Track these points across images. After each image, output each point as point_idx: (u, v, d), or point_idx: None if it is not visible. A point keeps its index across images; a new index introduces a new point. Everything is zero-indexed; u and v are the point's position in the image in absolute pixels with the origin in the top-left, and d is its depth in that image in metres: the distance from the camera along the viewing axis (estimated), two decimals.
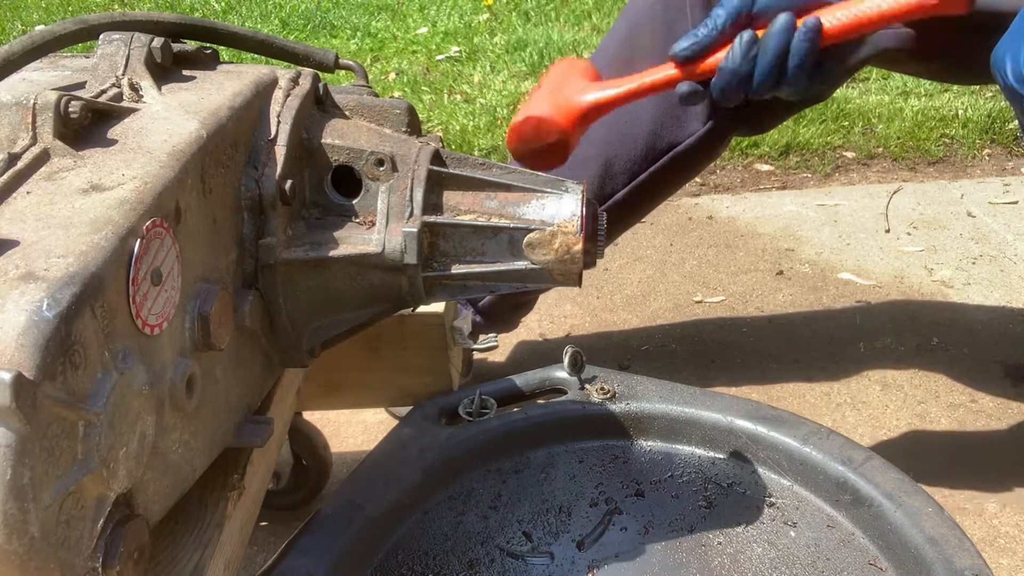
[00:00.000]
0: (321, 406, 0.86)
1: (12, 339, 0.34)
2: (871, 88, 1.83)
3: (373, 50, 2.23)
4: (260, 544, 0.86)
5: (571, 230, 0.56)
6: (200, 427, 0.49)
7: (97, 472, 0.38)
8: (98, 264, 0.38)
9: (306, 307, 0.57)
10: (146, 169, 0.44)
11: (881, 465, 0.67)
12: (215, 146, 0.49)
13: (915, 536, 0.61)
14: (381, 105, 0.59)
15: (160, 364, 0.43)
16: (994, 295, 1.23)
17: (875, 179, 1.59)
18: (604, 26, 2.22)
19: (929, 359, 1.10)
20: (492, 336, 0.84)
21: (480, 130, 1.73)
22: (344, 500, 0.65)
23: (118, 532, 0.40)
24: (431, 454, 0.70)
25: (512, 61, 2.04)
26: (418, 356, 0.77)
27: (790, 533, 0.66)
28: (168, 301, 0.44)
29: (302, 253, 0.55)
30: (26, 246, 0.38)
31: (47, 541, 0.36)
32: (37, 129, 0.44)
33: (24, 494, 0.34)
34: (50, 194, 0.42)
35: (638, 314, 1.22)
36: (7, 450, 0.33)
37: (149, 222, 0.42)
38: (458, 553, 0.65)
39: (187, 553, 0.50)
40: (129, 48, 0.53)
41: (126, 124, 0.48)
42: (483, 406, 0.74)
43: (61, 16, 2.66)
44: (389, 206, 0.56)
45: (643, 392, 0.74)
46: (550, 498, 0.70)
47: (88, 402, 0.37)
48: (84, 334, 0.37)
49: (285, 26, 2.42)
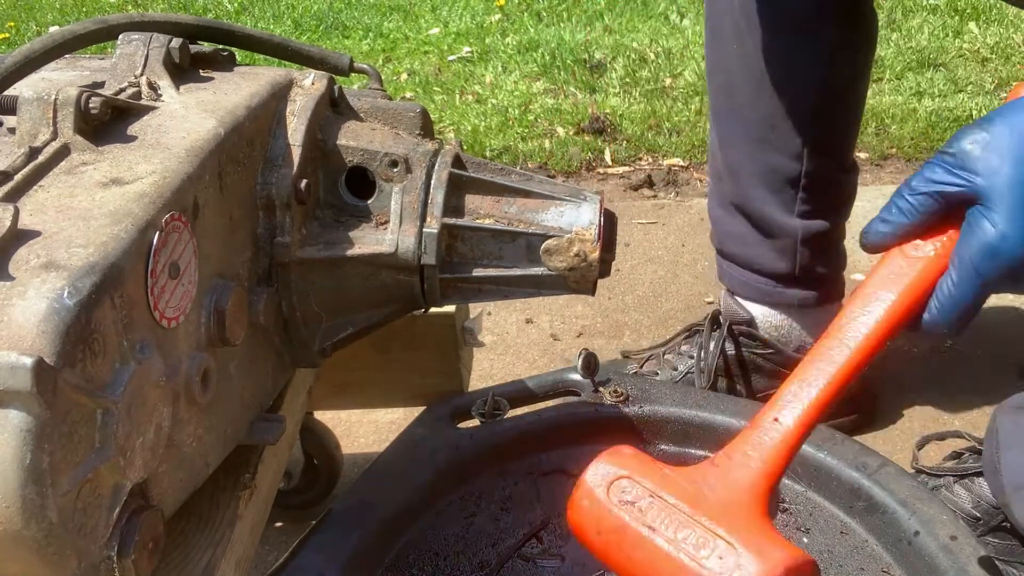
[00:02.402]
0: (332, 406, 0.86)
1: (33, 325, 0.34)
2: (884, 89, 1.82)
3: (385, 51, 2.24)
4: (272, 543, 0.86)
5: (589, 238, 0.56)
6: (214, 422, 0.49)
7: (114, 460, 0.38)
8: (118, 255, 0.38)
9: (319, 306, 0.57)
10: (165, 164, 0.44)
11: (896, 471, 0.66)
12: (232, 144, 0.50)
13: (929, 544, 0.60)
14: (395, 108, 0.60)
15: (176, 357, 0.44)
16: (1008, 297, 1.22)
17: (888, 180, 1.58)
18: (616, 27, 2.23)
19: (943, 361, 1.09)
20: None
21: (492, 131, 1.73)
22: (356, 500, 0.65)
23: (133, 522, 0.40)
24: (443, 455, 0.70)
25: (524, 62, 2.04)
26: (429, 356, 0.77)
27: (803, 539, 0.65)
28: (185, 295, 0.44)
29: (316, 252, 0.55)
30: (47, 236, 0.38)
31: (64, 527, 0.36)
32: (58, 124, 0.45)
33: (43, 479, 0.34)
34: (71, 187, 0.42)
35: (650, 315, 1.22)
36: (27, 434, 0.34)
37: (168, 216, 0.42)
38: (469, 554, 0.65)
39: (199, 552, 0.50)
40: (148, 48, 0.54)
41: (145, 121, 0.49)
42: (496, 407, 0.74)
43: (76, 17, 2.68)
44: (403, 207, 0.56)
45: (656, 395, 0.74)
46: (561, 500, 0.69)
47: (106, 390, 0.38)
48: (103, 323, 0.37)
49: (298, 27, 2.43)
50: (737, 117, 0.89)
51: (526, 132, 1.73)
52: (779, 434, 0.44)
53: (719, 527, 0.41)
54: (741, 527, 0.42)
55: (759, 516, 0.43)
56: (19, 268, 0.37)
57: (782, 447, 0.44)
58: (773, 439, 0.44)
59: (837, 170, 0.91)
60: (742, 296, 0.96)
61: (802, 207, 0.90)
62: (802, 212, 0.90)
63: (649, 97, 1.83)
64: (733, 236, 0.94)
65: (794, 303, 0.93)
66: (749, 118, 0.88)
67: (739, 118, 0.89)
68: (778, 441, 0.44)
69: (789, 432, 0.44)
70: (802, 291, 0.93)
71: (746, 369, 0.95)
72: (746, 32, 0.85)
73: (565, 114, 1.78)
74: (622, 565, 0.42)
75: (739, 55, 0.86)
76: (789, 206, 0.90)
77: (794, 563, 0.41)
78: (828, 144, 0.89)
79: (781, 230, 0.90)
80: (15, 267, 0.37)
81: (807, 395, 0.45)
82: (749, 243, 0.93)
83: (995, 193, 0.43)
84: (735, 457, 0.44)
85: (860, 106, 0.92)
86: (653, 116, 1.74)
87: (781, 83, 0.85)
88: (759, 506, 0.43)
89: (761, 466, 0.44)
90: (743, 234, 0.93)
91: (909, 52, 1.93)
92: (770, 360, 0.94)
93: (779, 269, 0.92)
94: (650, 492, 0.43)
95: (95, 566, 0.39)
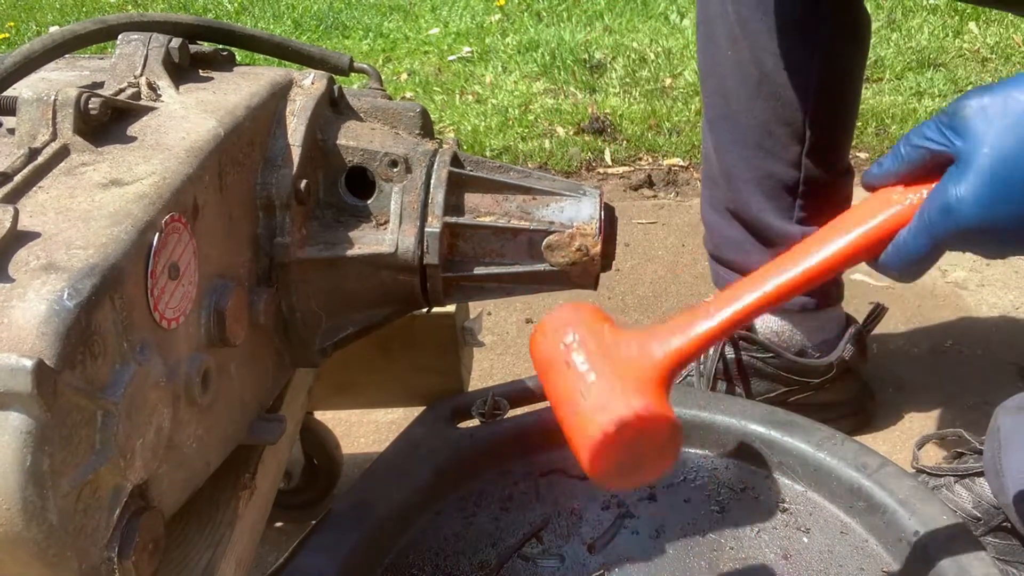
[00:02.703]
0: (332, 406, 0.86)
1: (33, 327, 0.34)
2: (884, 89, 1.82)
3: (385, 51, 2.23)
4: (271, 543, 0.86)
5: (590, 232, 0.56)
6: (214, 422, 0.49)
7: (114, 462, 0.38)
8: (118, 256, 0.38)
9: (319, 306, 0.57)
10: (164, 165, 0.44)
11: (896, 471, 0.66)
12: (232, 144, 0.50)
13: (929, 544, 0.60)
14: (395, 108, 0.60)
15: (176, 358, 0.44)
16: (1008, 297, 1.22)
17: None
18: (616, 27, 2.23)
19: (943, 361, 1.09)
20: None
21: (492, 130, 1.73)
22: (356, 499, 0.65)
23: (134, 523, 0.40)
24: (443, 455, 0.70)
25: (524, 62, 2.04)
26: (429, 356, 0.77)
27: (803, 539, 0.65)
28: (185, 296, 0.44)
29: (316, 252, 0.55)
30: (47, 238, 0.38)
31: (65, 529, 0.36)
32: (57, 125, 0.45)
33: (43, 481, 0.34)
34: (70, 188, 0.42)
35: (650, 315, 1.22)
36: (27, 436, 0.34)
37: (167, 216, 0.42)
38: (469, 554, 0.65)
39: (198, 552, 0.50)
40: (147, 48, 0.53)
41: (144, 121, 0.49)
42: (496, 407, 0.74)
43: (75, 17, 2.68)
44: (402, 207, 0.56)
45: None
46: (561, 500, 0.69)
47: (106, 392, 0.38)
48: (103, 324, 0.37)
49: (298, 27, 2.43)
50: (732, 123, 0.89)
51: (526, 132, 1.73)
52: (704, 324, 0.49)
53: (613, 375, 0.47)
54: (629, 381, 0.47)
55: (652, 381, 0.48)
56: (19, 270, 0.37)
57: (701, 335, 0.49)
58: (697, 326, 0.49)
59: (834, 174, 0.91)
60: None
61: (799, 213, 0.90)
62: (800, 218, 0.90)
63: (649, 97, 1.83)
64: (730, 242, 0.94)
65: (794, 308, 0.93)
66: (744, 124, 0.88)
67: (734, 124, 0.89)
68: (701, 330, 0.49)
69: (713, 326, 0.49)
70: (802, 296, 0.93)
71: (746, 373, 0.94)
72: (740, 38, 0.85)
73: (565, 114, 1.78)
74: (547, 390, 0.50)
75: (733, 61, 0.86)
76: (786, 212, 0.90)
77: (648, 413, 0.45)
78: (824, 148, 0.89)
79: (779, 236, 0.90)
80: (15, 269, 0.37)
81: (746, 298, 0.49)
82: (747, 249, 0.93)
83: (968, 158, 0.45)
84: (661, 331, 0.50)
85: (855, 108, 0.92)
86: (653, 116, 1.74)
87: (776, 88, 0.85)
88: (657, 373, 0.48)
89: (675, 344, 0.48)
90: (740, 240, 0.93)
91: (909, 52, 1.93)
92: (770, 364, 0.94)
93: None
94: (582, 339, 0.48)
95: (95, 567, 0.39)
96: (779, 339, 0.94)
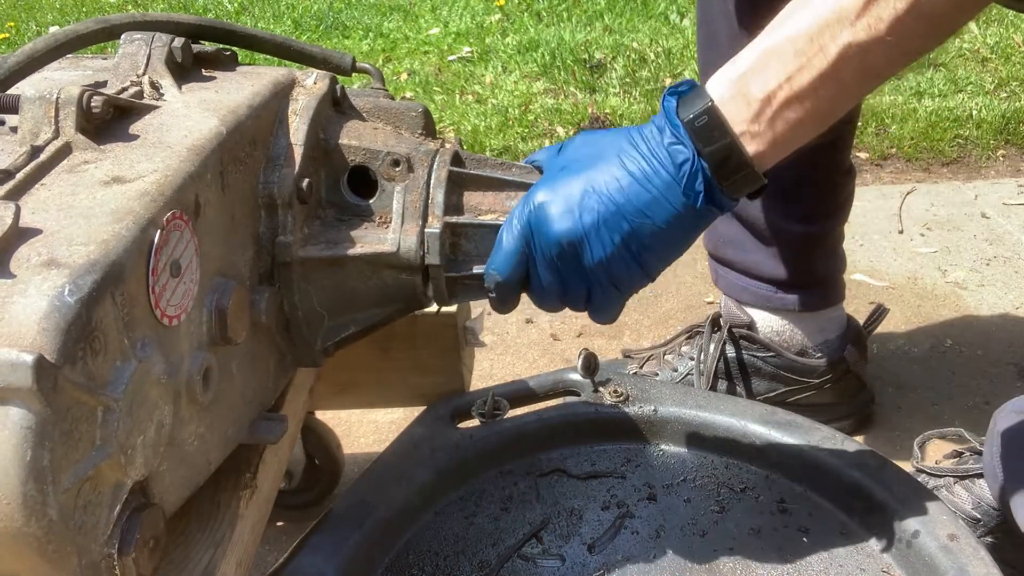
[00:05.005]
0: (333, 405, 0.86)
1: (34, 323, 0.34)
2: (884, 89, 1.82)
3: (385, 51, 2.24)
4: (272, 543, 0.86)
5: None
6: (215, 421, 0.49)
7: (115, 458, 0.38)
8: (119, 253, 0.38)
9: (320, 305, 0.57)
10: (166, 163, 0.44)
11: (896, 471, 0.66)
12: (234, 143, 0.50)
13: (929, 544, 0.60)
14: (397, 108, 0.60)
15: (177, 356, 0.44)
16: (1008, 296, 1.22)
17: (888, 180, 1.58)
18: (616, 26, 2.23)
19: (943, 361, 1.09)
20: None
21: (492, 130, 1.73)
22: (356, 500, 0.65)
23: (134, 519, 0.40)
24: (443, 455, 0.70)
25: (524, 62, 2.04)
26: (430, 356, 0.77)
27: (803, 539, 0.65)
28: (186, 293, 0.44)
29: (317, 251, 0.55)
30: (49, 234, 0.38)
31: (65, 525, 0.36)
32: (60, 123, 0.45)
33: (43, 476, 0.34)
34: (72, 185, 0.42)
35: (649, 315, 1.22)
36: (28, 432, 0.34)
37: (169, 214, 0.42)
38: (469, 554, 0.65)
39: (199, 551, 0.50)
40: (150, 47, 0.54)
41: (147, 120, 0.49)
42: (496, 407, 0.74)
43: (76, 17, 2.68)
44: (404, 206, 0.56)
45: (656, 395, 0.74)
46: (562, 500, 0.69)
47: (107, 388, 0.38)
48: (104, 321, 0.37)
49: (298, 27, 2.44)
50: None
51: (526, 132, 1.73)
52: None
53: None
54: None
55: None
56: (20, 266, 0.37)
57: None
58: None
59: (835, 173, 0.91)
60: (742, 301, 0.95)
61: (800, 212, 0.90)
62: (800, 217, 0.90)
63: (649, 97, 1.83)
64: (730, 241, 0.94)
65: (795, 308, 0.93)
66: None
67: None
68: None
69: None
70: (803, 296, 0.93)
71: (746, 372, 0.94)
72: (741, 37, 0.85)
73: (565, 114, 1.78)
74: None
75: None
76: (787, 212, 0.90)
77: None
78: (825, 148, 0.89)
79: (780, 236, 0.90)
80: (16, 265, 0.37)
81: None
82: (747, 249, 0.93)
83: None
84: None
85: (856, 108, 0.92)
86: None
87: None
88: None
89: None
90: (740, 240, 0.93)
91: None
92: (771, 363, 0.94)
93: (779, 275, 0.92)
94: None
95: (95, 564, 0.39)
96: (780, 339, 0.94)
